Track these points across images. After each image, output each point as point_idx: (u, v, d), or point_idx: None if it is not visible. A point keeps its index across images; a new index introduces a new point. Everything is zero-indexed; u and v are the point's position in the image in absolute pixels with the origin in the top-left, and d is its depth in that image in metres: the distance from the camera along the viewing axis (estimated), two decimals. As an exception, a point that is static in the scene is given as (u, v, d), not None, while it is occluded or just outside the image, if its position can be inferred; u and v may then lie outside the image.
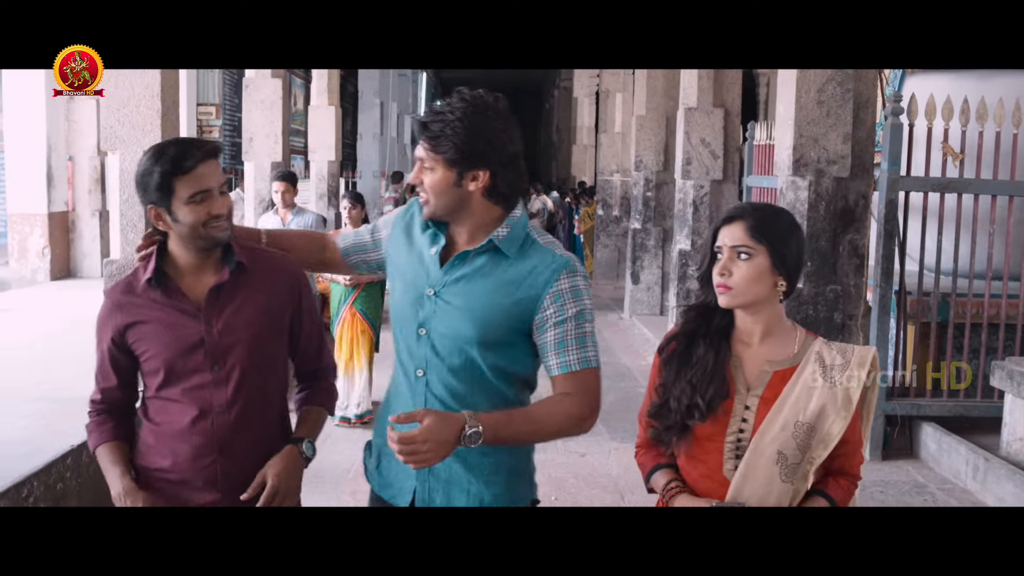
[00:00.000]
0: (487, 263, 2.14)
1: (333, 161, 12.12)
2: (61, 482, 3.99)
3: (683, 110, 8.90)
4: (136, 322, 2.25)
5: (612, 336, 10.09)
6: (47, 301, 9.14)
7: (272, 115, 8.51)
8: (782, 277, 2.06)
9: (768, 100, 16.59)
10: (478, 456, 2.15)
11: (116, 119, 5.30)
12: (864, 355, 2.07)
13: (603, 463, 5.57)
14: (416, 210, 2.26)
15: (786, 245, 2.05)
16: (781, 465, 2.03)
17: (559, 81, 25.43)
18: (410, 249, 2.25)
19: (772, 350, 2.10)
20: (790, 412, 2.03)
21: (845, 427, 2.03)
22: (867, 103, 5.64)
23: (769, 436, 2.03)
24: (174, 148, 2.16)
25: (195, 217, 2.15)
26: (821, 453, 2.04)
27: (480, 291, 2.12)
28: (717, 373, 2.08)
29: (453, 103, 2.09)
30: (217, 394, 2.24)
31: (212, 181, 2.17)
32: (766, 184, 7.22)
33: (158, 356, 2.24)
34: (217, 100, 13.42)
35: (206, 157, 2.16)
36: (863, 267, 5.70)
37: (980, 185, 5.73)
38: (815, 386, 2.04)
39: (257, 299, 2.27)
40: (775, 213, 2.12)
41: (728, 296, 2.05)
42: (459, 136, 2.06)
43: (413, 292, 2.19)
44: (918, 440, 5.79)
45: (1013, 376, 5.12)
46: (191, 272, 2.26)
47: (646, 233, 11.10)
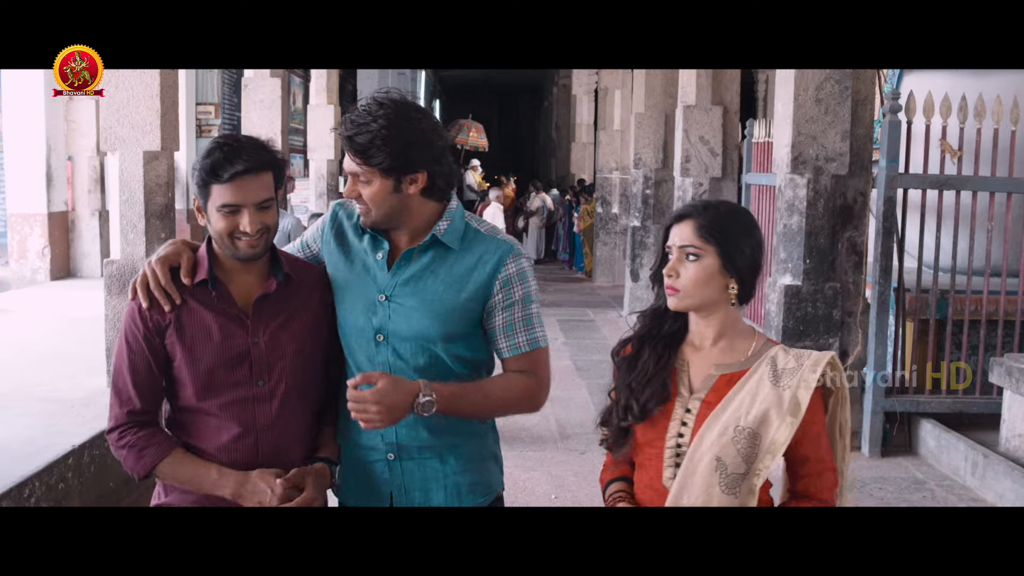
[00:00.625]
0: (433, 259, 2.15)
1: (332, 160, 12.14)
2: (63, 482, 4.00)
3: (682, 108, 8.91)
4: (176, 322, 2.11)
5: (611, 334, 10.09)
6: (47, 301, 9.15)
7: (271, 115, 8.54)
8: (733, 279, 1.95)
9: (767, 97, 16.58)
10: (449, 448, 2.19)
11: (116, 119, 5.32)
12: (819, 358, 1.92)
13: (602, 460, 5.57)
14: (344, 217, 2.24)
15: (736, 246, 1.94)
16: (720, 474, 1.88)
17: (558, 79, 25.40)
18: (348, 259, 2.21)
19: (723, 354, 1.99)
20: (731, 416, 1.90)
21: (791, 434, 1.87)
22: (865, 100, 5.66)
23: (707, 442, 1.90)
24: (219, 152, 2.04)
25: (221, 227, 2.06)
26: (768, 464, 1.88)
27: (432, 288, 2.13)
28: (656, 376, 2.01)
29: (373, 111, 2.04)
30: (261, 410, 2.14)
31: (244, 197, 2.04)
32: (765, 181, 7.24)
33: (198, 363, 2.11)
34: (216, 100, 13.41)
35: (245, 172, 2.03)
36: (862, 264, 5.71)
37: (978, 182, 5.74)
38: (761, 390, 1.91)
39: (303, 313, 2.18)
40: (728, 212, 1.99)
41: (676, 298, 1.96)
42: (390, 144, 2.03)
43: (363, 301, 2.16)
44: (917, 437, 5.80)
45: (1012, 372, 5.13)
46: (236, 277, 2.16)
47: (645, 231, 11.11)
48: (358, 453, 2.22)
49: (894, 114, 5.61)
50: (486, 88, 30.79)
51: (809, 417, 1.89)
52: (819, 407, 1.93)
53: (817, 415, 1.92)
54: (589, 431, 6.07)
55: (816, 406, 1.92)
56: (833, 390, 1.95)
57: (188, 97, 12.48)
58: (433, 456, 2.19)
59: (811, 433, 1.91)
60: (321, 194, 12.13)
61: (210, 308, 2.12)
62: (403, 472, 2.19)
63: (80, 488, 4.12)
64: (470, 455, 2.23)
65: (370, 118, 2.03)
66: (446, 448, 2.19)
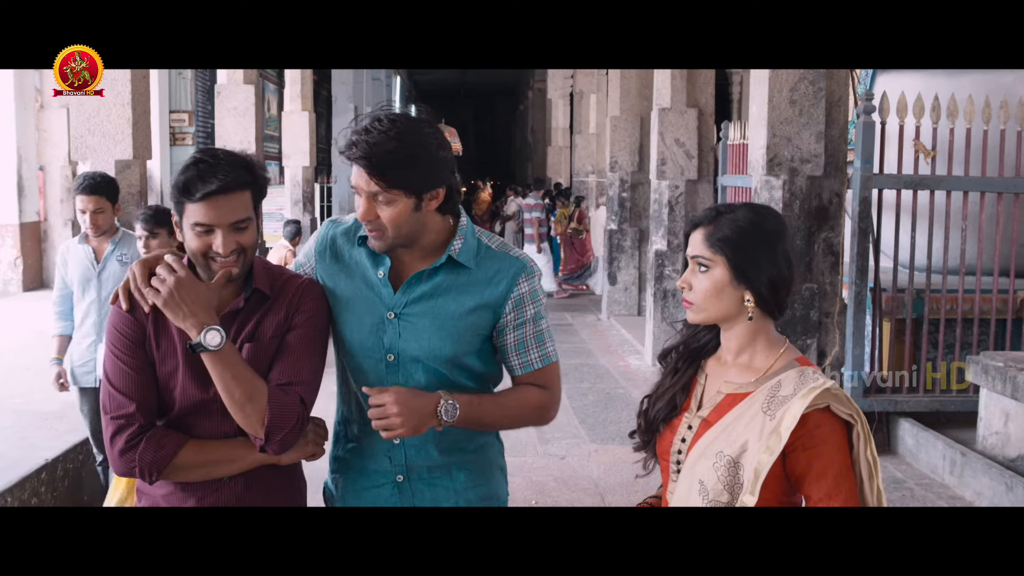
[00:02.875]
0: (445, 276, 2.10)
1: (308, 167, 12.09)
2: (36, 497, 3.94)
3: (657, 110, 8.93)
4: (154, 335, 2.05)
5: (590, 337, 10.09)
6: (19, 312, 9.04)
7: (245, 121, 8.48)
8: (748, 291, 1.80)
9: (741, 100, 16.67)
10: (459, 465, 2.17)
11: (86, 128, 5.26)
12: (813, 388, 1.74)
13: (583, 465, 5.56)
14: (337, 234, 2.17)
15: (749, 256, 1.78)
16: (703, 499, 1.78)
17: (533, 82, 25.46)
18: (348, 274, 2.14)
19: (740, 371, 1.85)
20: (717, 440, 1.79)
21: (771, 463, 1.71)
22: (839, 102, 5.68)
23: (692, 461, 1.82)
24: (194, 169, 1.96)
25: (195, 246, 2.00)
26: (749, 500, 1.72)
27: (444, 307, 2.08)
28: (672, 388, 1.93)
29: (386, 128, 1.94)
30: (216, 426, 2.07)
31: (217, 218, 1.97)
32: (740, 183, 7.26)
33: (174, 376, 2.06)
34: (190, 107, 13.32)
35: (219, 192, 1.95)
36: (838, 265, 5.74)
37: (952, 182, 5.78)
38: (753, 416, 1.77)
39: (267, 327, 2.09)
40: (747, 219, 1.82)
41: (691, 311, 1.85)
42: (416, 163, 1.96)
43: (370, 319, 2.09)
44: (895, 436, 5.83)
45: (988, 371, 5.17)
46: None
47: (622, 234, 11.13)
48: (363, 481, 2.17)
49: (868, 115, 5.64)
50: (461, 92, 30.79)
51: (816, 452, 1.73)
52: (832, 442, 1.73)
53: (827, 449, 1.73)
54: (569, 435, 6.07)
55: (827, 440, 1.73)
56: (853, 424, 1.74)
57: (161, 105, 12.39)
58: (443, 474, 2.16)
59: (816, 469, 1.72)
60: (296, 201, 12.08)
61: None
62: (413, 493, 2.15)
63: (53, 502, 4.06)
64: (479, 469, 2.21)
65: (386, 137, 1.93)
66: (455, 465, 2.17)
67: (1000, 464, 4.94)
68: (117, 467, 2.04)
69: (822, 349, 5.70)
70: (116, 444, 2.01)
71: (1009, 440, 5.09)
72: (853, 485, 1.73)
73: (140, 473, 2.02)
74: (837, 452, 1.73)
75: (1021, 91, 6.10)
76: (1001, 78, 6.29)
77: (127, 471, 2.03)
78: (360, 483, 2.18)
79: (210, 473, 2.08)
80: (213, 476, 2.08)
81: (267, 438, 2.02)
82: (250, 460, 2.08)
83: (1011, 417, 5.08)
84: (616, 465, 5.39)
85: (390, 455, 2.13)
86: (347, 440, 2.23)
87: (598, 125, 14.72)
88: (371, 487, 2.17)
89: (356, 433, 2.20)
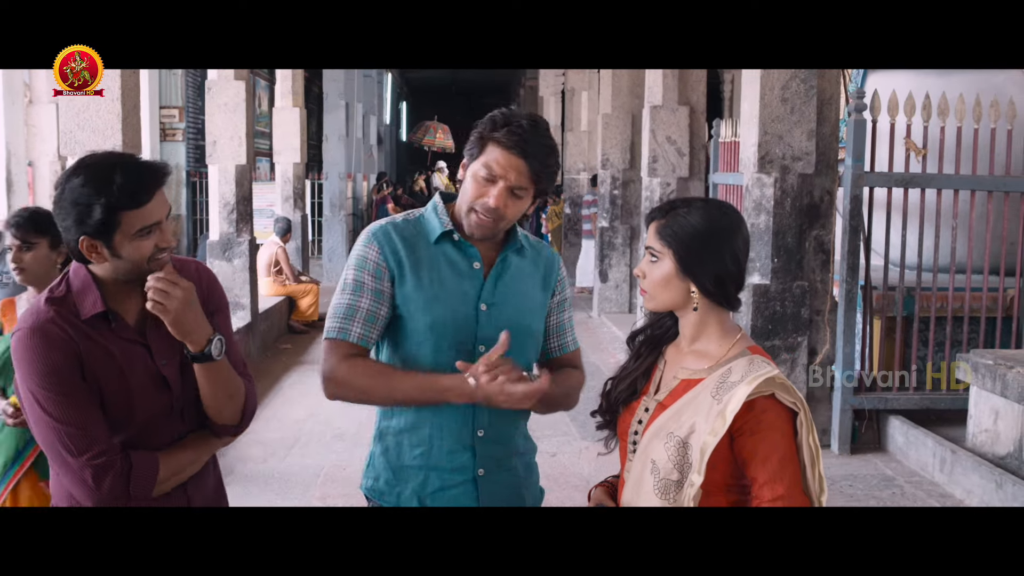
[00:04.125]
0: (517, 260, 2.18)
1: (299, 163, 12.05)
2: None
3: (648, 108, 8.93)
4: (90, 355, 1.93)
5: (581, 334, 9.99)
6: (8, 309, 8.99)
7: (235, 118, 8.43)
8: (693, 284, 1.90)
9: (733, 97, 16.69)
10: (521, 454, 2.24)
11: (76, 123, 5.23)
12: (758, 376, 1.83)
13: (574, 463, 5.56)
14: (397, 236, 2.11)
15: (693, 251, 1.88)
16: (655, 477, 1.87)
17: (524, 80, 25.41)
18: (432, 267, 2.10)
19: (695, 358, 1.95)
20: (668, 422, 1.89)
21: (715, 444, 1.80)
22: (830, 100, 5.69)
23: (646, 441, 1.91)
24: (122, 177, 1.85)
25: (140, 253, 1.90)
26: (695, 479, 1.82)
27: (523, 289, 2.18)
28: (634, 372, 2.03)
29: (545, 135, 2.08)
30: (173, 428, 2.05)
31: (162, 212, 1.91)
32: (732, 181, 7.26)
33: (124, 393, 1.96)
34: (180, 103, 13.26)
35: (159, 186, 1.90)
36: (829, 263, 5.75)
37: (943, 180, 5.79)
38: (702, 401, 1.86)
39: None
40: (698, 216, 1.91)
41: (645, 299, 1.97)
42: (555, 173, 2.11)
43: (464, 309, 2.09)
44: (886, 434, 5.84)
45: (978, 369, 5.18)
46: (124, 298, 2.00)
47: (613, 231, 11.13)
48: (439, 482, 2.13)
49: (859, 113, 5.65)
50: (453, 89, 30.74)
51: (761, 436, 1.81)
52: (776, 428, 1.82)
53: (772, 435, 1.82)
54: (560, 433, 6.06)
55: (773, 426, 1.82)
56: (797, 412, 1.84)
57: (151, 100, 12.32)
58: (518, 463, 2.23)
59: (762, 453, 1.81)
60: (287, 198, 12.04)
61: (113, 337, 1.96)
62: (492, 485, 2.15)
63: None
64: (533, 461, 2.32)
65: (544, 143, 2.06)
66: (518, 455, 2.23)
67: (990, 462, 4.95)
68: (101, 501, 1.92)
69: (813, 347, 5.71)
70: (103, 483, 1.90)
71: (999, 438, 5.11)
72: (797, 470, 1.82)
73: (128, 501, 1.93)
74: (782, 438, 1.83)
75: (1011, 90, 6.13)
76: (992, 78, 6.31)
77: (112, 503, 1.93)
78: (437, 485, 2.13)
79: (179, 480, 2.04)
80: (180, 482, 2.05)
81: (242, 421, 2.09)
82: (208, 453, 2.11)
83: (1001, 415, 5.09)
84: (607, 462, 5.36)
85: (475, 447, 2.12)
86: (413, 447, 2.14)
87: (590, 123, 14.69)
88: (448, 488, 2.13)
89: (427, 435, 2.13)
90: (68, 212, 1.88)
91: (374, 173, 20.78)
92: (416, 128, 24.97)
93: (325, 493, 4.94)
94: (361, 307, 2.08)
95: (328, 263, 14.72)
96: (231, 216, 8.42)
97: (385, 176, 20.45)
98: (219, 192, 8.46)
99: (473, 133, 2.12)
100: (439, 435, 2.12)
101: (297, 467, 5.38)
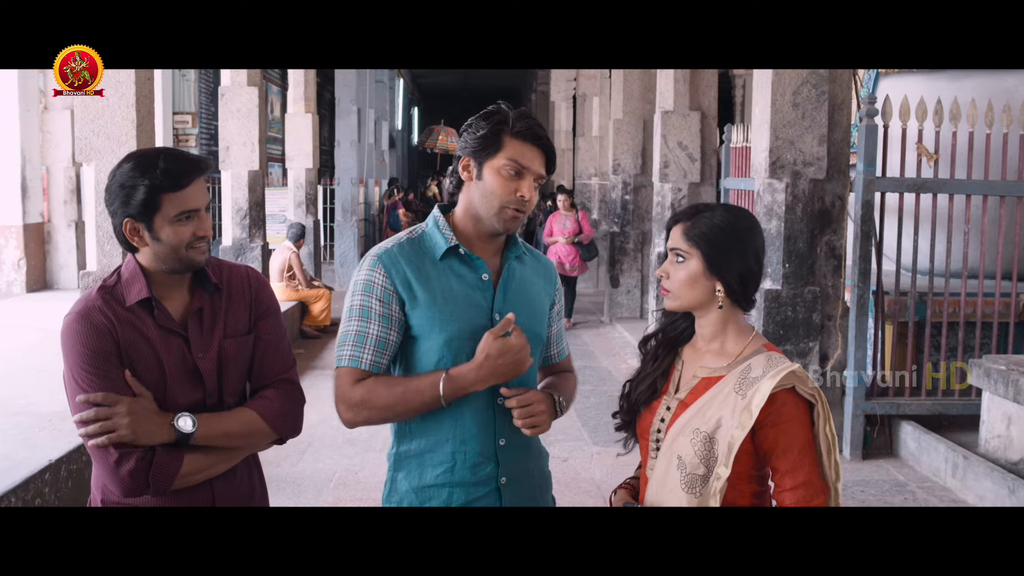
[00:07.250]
0: (515, 268, 2.19)
1: (311, 168, 12.10)
2: (39, 497, 3.95)
3: (660, 113, 8.94)
4: (129, 343, 2.03)
5: (592, 340, 10.09)
6: (23, 314, 9.05)
7: (248, 124, 8.49)
8: (719, 283, 1.98)
9: (744, 102, 16.68)
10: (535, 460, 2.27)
11: (91, 130, 5.27)
12: (781, 369, 1.92)
13: (585, 467, 5.57)
14: (401, 257, 2.10)
15: (721, 251, 1.97)
16: (681, 472, 1.94)
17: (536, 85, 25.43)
18: (442, 285, 2.10)
19: (714, 357, 2.03)
20: (694, 417, 1.96)
21: (742, 437, 1.88)
22: (842, 105, 5.69)
23: (671, 438, 1.98)
24: (166, 161, 1.99)
25: (179, 238, 2.01)
26: (722, 471, 1.90)
27: (530, 295, 2.21)
28: (652, 373, 2.09)
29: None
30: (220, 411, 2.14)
31: (202, 200, 2.04)
32: (743, 186, 7.26)
33: (157, 388, 2.04)
34: (193, 109, 13.35)
35: (199, 174, 2.02)
36: (840, 268, 5.74)
37: (955, 185, 5.78)
38: (726, 396, 1.94)
39: (236, 322, 2.14)
40: (722, 217, 2.01)
41: (667, 299, 2.04)
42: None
43: (478, 322, 2.09)
44: (898, 439, 5.82)
45: (990, 374, 5.17)
46: (168, 290, 2.10)
47: (625, 236, 11.13)
48: (464, 497, 2.13)
49: (871, 118, 5.64)
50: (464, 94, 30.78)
51: (782, 428, 1.90)
52: (796, 419, 1.91)
53: (792, 426, 1.91)
54: (571, 438, 6.07)
55: (792, 417, 1.91)
56: (815, 403, 1.92)
57: (165, 106, 12.41)
58: (535, 469, 2.26)
59: (783, 444, 1.91)
60: (299, 203, 12.09)
61: (154, 326, 2.06)
62: (514, 493, 2.16)
63: (57, 503, 4.07)
64: (547, 469, 2.34)
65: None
66: (533, 462, 2.26)
67: (1002, 467, 4.94)
68: (125, 490, 1.99)
69: (824, 352, 5.70)
70: (124, 466, 1.97)
71: (1011, 443, 5.09)
72: (815, 459, 1.92)
73: (151, 490, 2.00)
74: (801, 428, 1.92)
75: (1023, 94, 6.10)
76: (1004, 81, 6.30)
77: (136, 492, 2.00)
78: (461, 499, 2.13)
79: (207, 475, 2.09)
80: (208, 478, 2.10)
81: (283, 433, 2.17)
82: (239, 456, 2.16)
83: (1013, 420, 5.07)
84: (618, 468, 5.38)
85: (499, 456, 2.13)
86: (436, 466, 2.13)
87: (601, 128, 14.70)
88: (472, 500, 2.13)
89: (450, 452, 2.12)
90: (116, 195, 2.02)
91: (386, 178, 20.85)
92: (424, 133, 25.11)
93: (338, 497, 4.95)
94: (371, 334, 2.07)
95: (340, 268, 14.77)
96: (244, 221, 8.47)
97: (397, 182, 20.51)
98: (232, 197, 8.51)
99: (476, 131, 2.11)
100: (462, 450, 2.11)
101: (310, 471, 5.39)
